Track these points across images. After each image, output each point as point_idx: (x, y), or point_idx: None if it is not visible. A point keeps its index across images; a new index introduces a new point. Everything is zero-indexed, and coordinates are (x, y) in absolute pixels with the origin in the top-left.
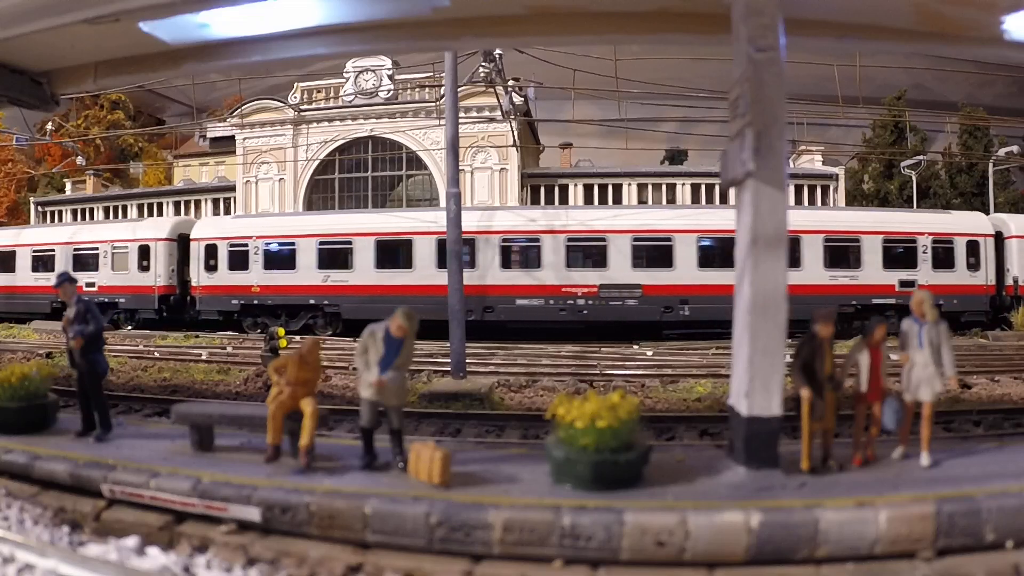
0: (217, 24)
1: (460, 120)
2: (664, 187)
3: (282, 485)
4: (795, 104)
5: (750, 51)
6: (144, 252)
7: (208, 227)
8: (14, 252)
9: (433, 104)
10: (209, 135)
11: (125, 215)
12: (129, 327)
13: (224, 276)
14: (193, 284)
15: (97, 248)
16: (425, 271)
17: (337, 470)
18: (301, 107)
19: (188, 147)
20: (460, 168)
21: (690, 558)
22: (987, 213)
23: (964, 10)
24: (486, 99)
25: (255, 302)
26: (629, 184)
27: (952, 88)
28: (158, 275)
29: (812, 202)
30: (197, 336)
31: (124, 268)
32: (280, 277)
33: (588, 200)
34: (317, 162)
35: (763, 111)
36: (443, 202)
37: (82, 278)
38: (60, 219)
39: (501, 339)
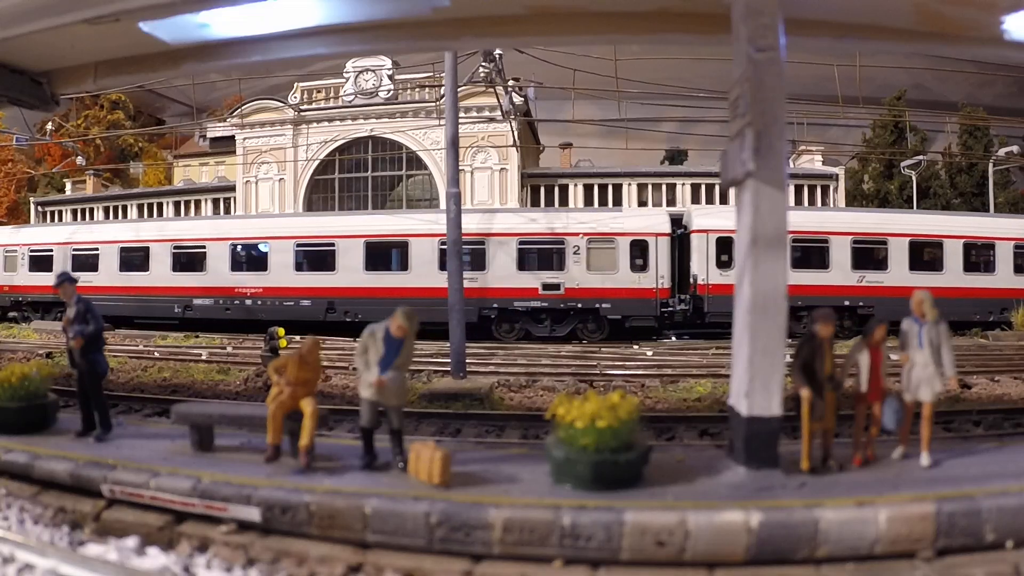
0: (217, 24)
1: (460, 120)
2: (664, 187)
3: (282, 485)
4: (795, 104)
5: (750, 51)
6: (640, 248)
7: (718, 217)
8: (406, 243)
9: (433, 104)
10: (209, 135)
11: (125, 215)
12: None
13: None
14: (701, 283)
15: (562, 242)
16: (954, 274)
17: (337, 470)
18: (301, 107)
19: (188, 147)
20: (460, 168)
21: (690, 558)
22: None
23: (964, 10)
24: (486, 99)
25: None
26: (629, 184)
27: (952, 88)
28: (661, 276)
29: (812, 202)
30: (197, 336)
31: (609, 267)
32: (808, 276)
33: (588, 201)
34: (317, 162)
35: (763, 111)
36: (443, 203)
37: (536, 278)
38: (60, 219)
39: (500, 339)
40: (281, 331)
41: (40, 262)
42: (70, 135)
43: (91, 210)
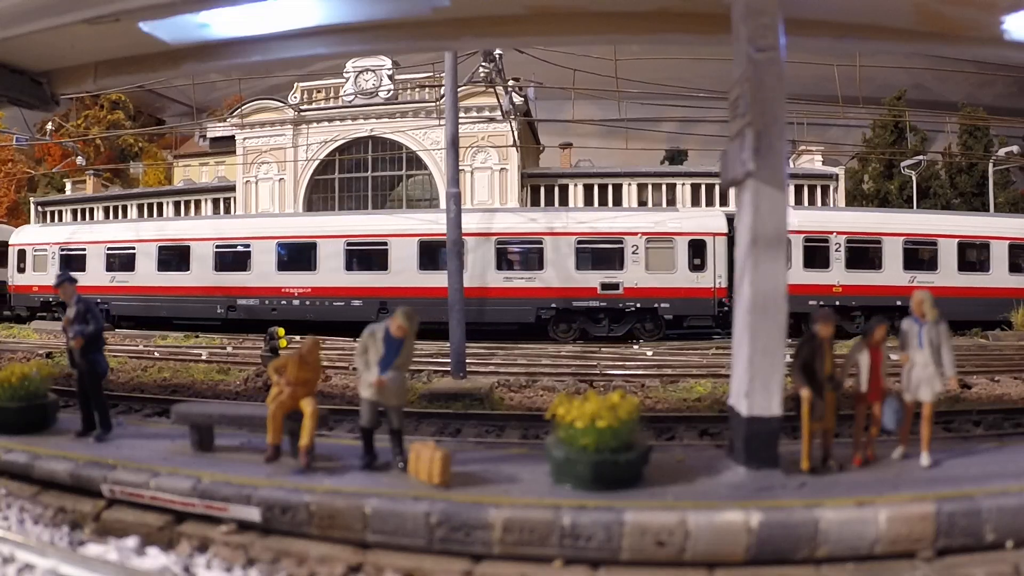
0: (217, 24)
1: (460, 120)
2: (664, 187)
3: (282, 485)
4: (795, 104)
5: (750, 51)
6: (698, 248)
7: None
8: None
9: (433, 104)
10: (209, 135)
11: (125, 215)
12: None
13: (798, 274)
14: None
15: (621, 242)
16: (999, 275)
17: (337, 470)
18: (301, 107)
19: (188, 147)
20: (460, 168)
21: (690, 558)
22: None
23: (964, 10)
24: (486, 99)
25: (836, 303)
26: (629, 184)
27: (952, 88)
28: (718, 275)
29: (812, 202)
30: (197, 336)
31: (668, 267)
32: (865, 276)
33: (588, 201)
34: (317, 162)
35: (763, 111)
36: (443, 203)
37: (595, 278)
38: (60, 219)
39: (500, 339)
40: (281, 331)
41: (72, 261)
42: (70, 135)
43: (91, 210)
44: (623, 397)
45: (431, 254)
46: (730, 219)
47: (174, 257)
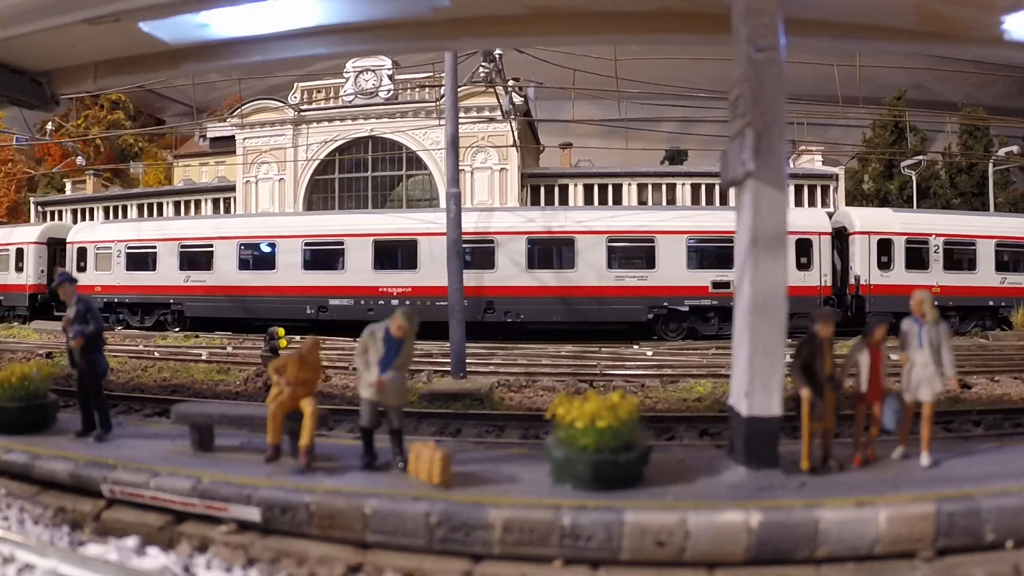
0: (217, 24)
1: (460, 120)
2: (664, 187)
3: (282, 485)
4: (795, 104)
5: (750, 51)
6: (804, 246)
7: (878, 220)
8: (572, 240)
9: (433, 104)
10: (209, 135)
11: (125, 215)
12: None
13: (900, 275)
14: (863, 283)
15: (731, 240)
16: None
17: (337, 470)
18: (301, 107)
19: (188, 147)
20: (460, 168)
21: (690, 558)
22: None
23: (964, 10)
24: (486, 99)
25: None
26: (629, 184)
27: (952, 88)
28: (824, 274)
29: (812, 202)
30: (197, 336)
31: None
32: (961, 277)
33: (588, 200)
34: (317, 162)
35: (763, 111)
36: (443, 202)
37: (707, 276)
38: (60, 219)
39: (500, 339)
40: (281, 331)
41: (140, 260)
42: (70, 135)
43: (91, 210)
44: (623, 397)
45: (540, 253)
46: (829, 214)
47: (259, 255)
